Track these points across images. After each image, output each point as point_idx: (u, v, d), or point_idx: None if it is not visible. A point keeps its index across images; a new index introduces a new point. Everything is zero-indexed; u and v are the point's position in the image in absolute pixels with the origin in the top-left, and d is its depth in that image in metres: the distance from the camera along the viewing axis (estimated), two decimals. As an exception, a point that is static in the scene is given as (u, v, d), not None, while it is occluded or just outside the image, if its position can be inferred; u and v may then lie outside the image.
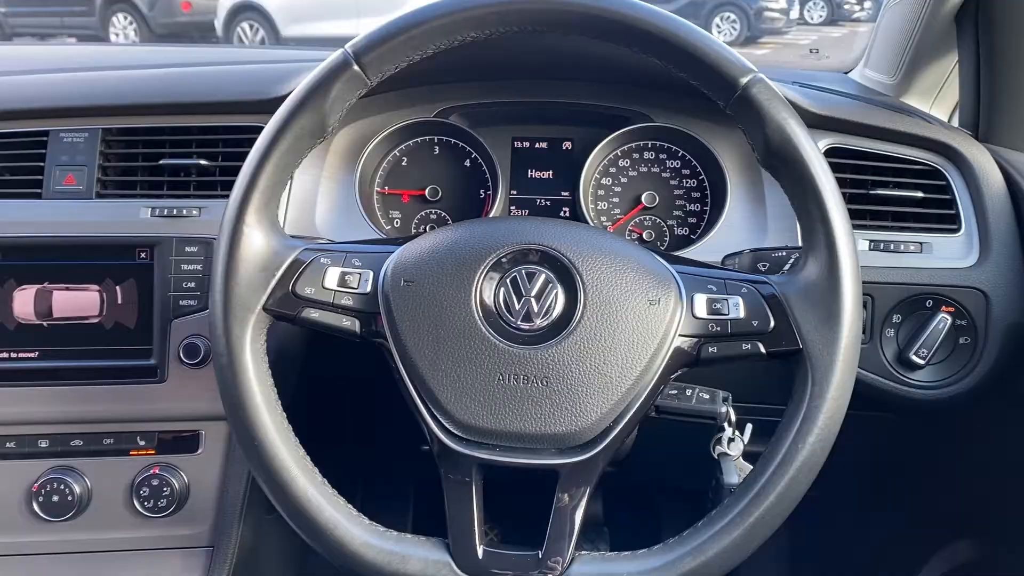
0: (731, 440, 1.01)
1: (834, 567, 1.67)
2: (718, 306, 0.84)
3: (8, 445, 1.11)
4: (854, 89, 1.44)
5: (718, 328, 0.84)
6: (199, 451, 1.13)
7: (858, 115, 1.16)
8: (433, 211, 1.26)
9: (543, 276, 0.84)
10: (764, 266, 1.02)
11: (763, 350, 0.83)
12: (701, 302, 0.84)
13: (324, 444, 0.97)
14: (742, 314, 0.84)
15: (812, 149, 0.82)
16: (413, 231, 1.25)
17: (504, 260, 0.85)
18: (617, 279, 0.83)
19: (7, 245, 1.10)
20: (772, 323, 0.83)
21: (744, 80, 0.82)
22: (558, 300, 0.84)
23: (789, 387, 0.89)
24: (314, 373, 1.20)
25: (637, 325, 0.82)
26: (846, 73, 1.62)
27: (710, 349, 0.84)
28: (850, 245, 0.82)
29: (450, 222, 1.25)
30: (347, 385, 1.32)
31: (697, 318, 0.84)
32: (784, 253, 1.03)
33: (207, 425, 1.13)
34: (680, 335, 0.84)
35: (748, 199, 1.17)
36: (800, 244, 1.10)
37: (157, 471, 1.11)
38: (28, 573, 1.12)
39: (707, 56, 0.82)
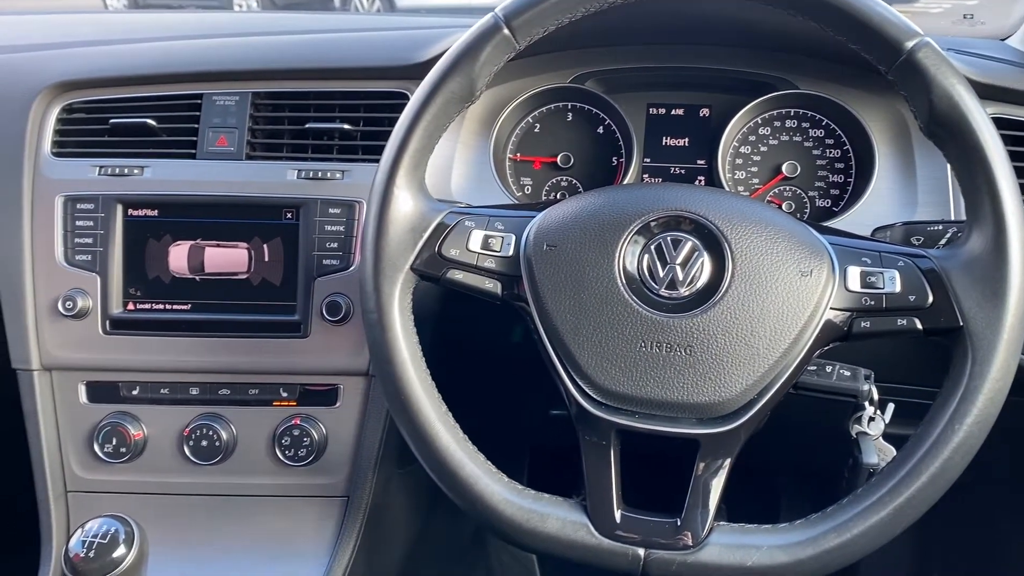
0: (871, 419, 0.98)
1: (968, 561, 1.60)
2: (872, 279, 0.81)
3: (162, 391, 1.18)
4: (1015, 57, 1.35)
5: (872, 302, 0.81)
6: (337, 405, 1.17)
7: (1024, 83, 1.09)
8: (564, 178, 1.26)
9: (689, 243, 0.83)
10: (918, 240, 0.98)
11: (919, 326, 0.80)
12: (855, 275, 0.82)
13: (448, 402, 1.00)
14: (898, 288, 0.81)
15: (982, 117, 0.77)
16: (543, 198, 1.26)
17: (649, 227, 0.84)
18: (768, 249, 0.82)
19: (164, 202, 1.16)
20: (931, 299, 0.80)
21: (910, 44, 0.78)
22: (704, 268, 0.83)
23: (934, 367, 0.85)
24: (446, 333, 1.22)
25: (787, 296, 0.80)
26: (1003, 40, 1.52)
27: (862, 324, 0.82)
28: (1019, 219, 0.77)
29: (581, 190, 1.25)
30: (476, 347, 1.34)
31: (850, 291, 0.82)
32: (941, 227, 0.98)
33: (345, 380, 1.17)
34: (831, 308, 0.81)
35: (897, 170, 1.12)
36: (955, 218, 1.07)
37: (298, 422, 1.16)
38: (179, 511, 1.19)
39: (871, 19, 0.78)
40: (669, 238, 0.84)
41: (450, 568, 1.79)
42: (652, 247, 0.84)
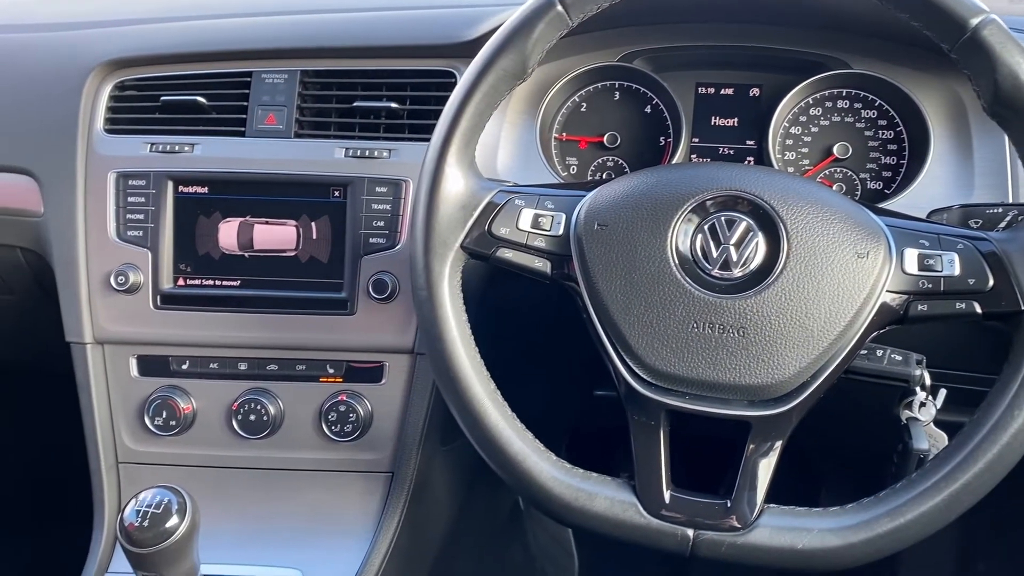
0: (922, 405, 0.97)
1: (1015, 550, 1.58)
2: (930, 262, 0.80)
3: (212, 366, 1.19)
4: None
5: (929, 285, 0.80)
6: (382, 382, 1.18)
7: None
8: (610, 158, 1.25)
9: (744, 224, 0.82)
10: (976, 223, 0.96)
11: (979, 310, 0.79)
12: (912, 257, 0.81)
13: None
14: (957, 271, 0.79)
15: None
16: (589, 178, 1.25)
17: (703, 206, 0.84)
18: (824, 230, 0.81)
19: (214, 179, 1.18)
20: (991, 282, 0.78)
21: (975, 21, 0.76)
22: (759, 249, 0.82)
23: (986, 353, 0.84)
24: (488, 314, 1.23)
25: (843, 278, 0.79)
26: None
27: (919, 307, 0.80)
28: None
29: (627, 170, 1.24)
30: (518, 328, 1.34)
31: (907, 274, 0.80)
32: (1000, 209, 0.96)
33: (391, 358, 1.18)
34: (888, 291, 0.80)
35: (953, 152, 1.10)
36: (1014, 200, 1.04)
37: (344, 398, 1.17)
38: (227, 483, 1.21)
39: None
40: (723, 218, 0.83)
41: (488, 546, 1.80)
42: (705, 227, 0.83)
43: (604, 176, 1.24)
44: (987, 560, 1.66)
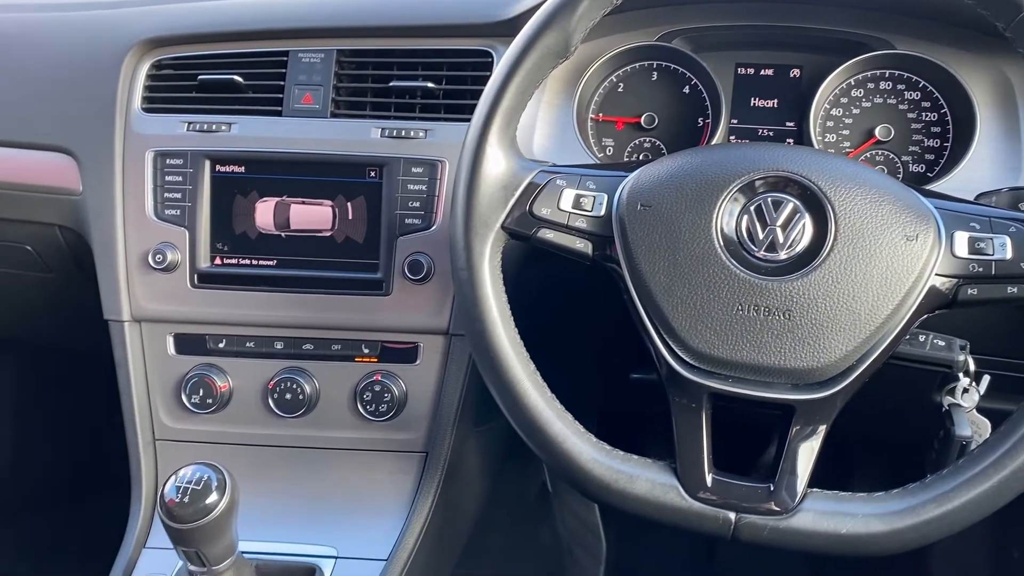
0: (965, 391, 0.96)
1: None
2: (981, 245, 0.79)
3: (248, 344, 1.20)
4: None
5: (980, 269, 0.79)
6: (417, 362, 1.18)
7: None
8: (647, 139, 1.23)
9: (791, 205, 0.81)
10: (1027, 206, 0.95)
11: None
12: (962, 240, 0.79)
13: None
14: (1009, 255, 0.78)
15: None
16: (625, 159, 1.24)
17: (750, 187, 0.82)
18: (872, 212, 0.79)
19: (251, 158, 1.18)
20: None
21: None
22: (806, 231, 0.81)
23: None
24: (523, 296, 1.22)
25: (892, 261, 0.78)
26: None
27: (969, 291, 0.79)
28: None
29: (665, 151, 1.23)
30: (553, 310, 1.34)
31: (957, 257, 0.79)
32: (1052, 193, 0.95)
33: (425, 338, 1.18)
34: (937, 274, 0.79)
35: (1000, 134, 1.08)
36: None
37: (379, 378, 1.17)
38: (262, 461, 1.22)
39: None
40: (769, 199, 0.82)
41: (517, 527, 1.81)
42: (752, 208, 0.82)
43: (641, 158, 1.23)
44: (1021, 547, 1.65)
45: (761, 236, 0.81)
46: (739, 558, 1.95)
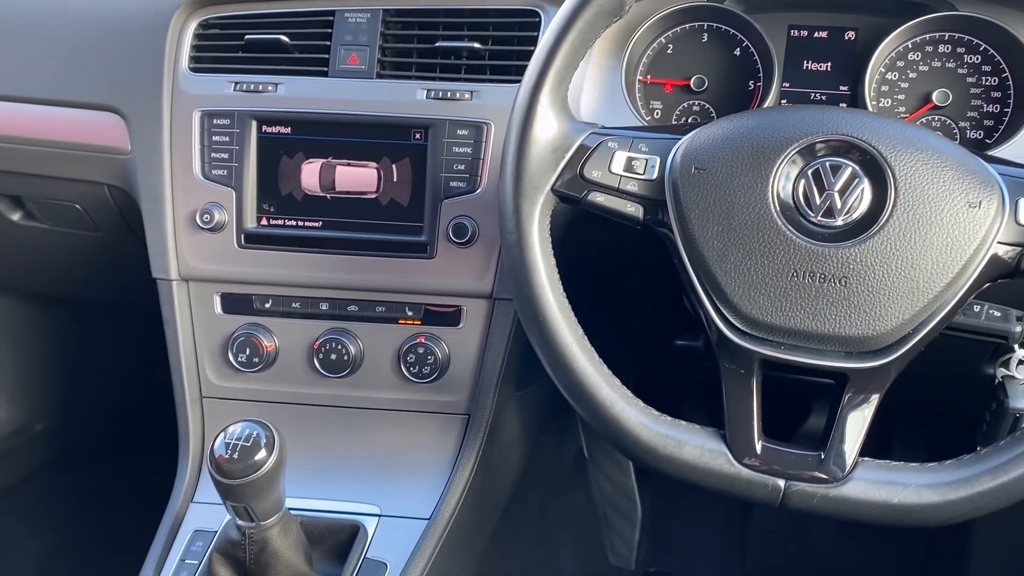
0: (1021, 363, 0.94)
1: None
2: None
3: (294, 305, 1.21)
4: None
5: None
6: (460, 325, 1.18)
7: None
8: (696, 102, 1.21)
9: (849, 170, 0.80)
10: (1094, 174, 0.92)
11: None
12: None
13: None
14: None
15: None
16: (673, 122, 1.22)
17: (807, 151, 0.81)
18: (934, 177, 0.77)
19: (297, 120, 1.18)
20: None
21: None
22: (864, 196, 0.79)
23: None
24: (568, 260, 1.22)
25: (953, 228, 0.77)
26: None
27: None
28: None
29: (714, 115, 1.20)
30: (597, 275, 1.33)
31: (1021, 225, 0.77)
32: (1121, 161, 0.92)
33: (468, 302, 1.18)
34: (999, 243, 0.77)
35: (1065, 100, 1.05)
36: None
37: (422, 340, 1.18)
38: (307, 420, 1.24)
39: None
40: (828, 163, 0.80)
41: (554, 491, 1.82)
42: (809, 172, 0.80)
43: (690, 120, 1.21)
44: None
45: (818, 201, 0.80)
46: (773, 524, 1.95)
